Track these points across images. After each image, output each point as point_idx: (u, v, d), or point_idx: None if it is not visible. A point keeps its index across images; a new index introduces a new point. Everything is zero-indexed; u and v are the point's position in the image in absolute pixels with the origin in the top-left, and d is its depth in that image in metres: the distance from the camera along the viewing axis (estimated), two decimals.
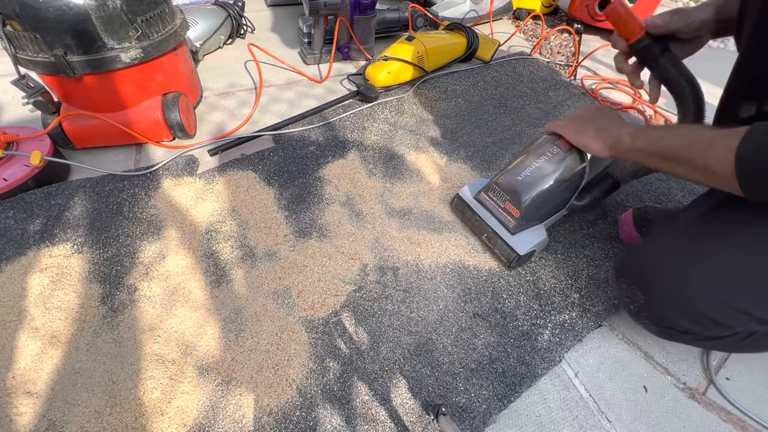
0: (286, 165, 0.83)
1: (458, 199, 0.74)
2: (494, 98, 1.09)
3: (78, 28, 0.66)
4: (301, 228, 0.71)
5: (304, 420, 0.49)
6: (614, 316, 0.64)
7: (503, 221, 0.67)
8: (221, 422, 0.49)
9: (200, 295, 0.61)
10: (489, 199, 0.68)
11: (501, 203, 0.66)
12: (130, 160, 0.83)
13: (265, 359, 0.54)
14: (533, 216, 0.65)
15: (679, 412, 0.54)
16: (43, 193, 0.71)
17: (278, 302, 0.61)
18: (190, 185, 0.77)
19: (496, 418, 0.52)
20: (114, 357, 0.53)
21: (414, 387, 0.53)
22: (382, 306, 0.62)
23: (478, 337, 0.59)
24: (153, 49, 0.75)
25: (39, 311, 0.57)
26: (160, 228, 0.69)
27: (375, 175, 0.83)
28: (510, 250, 0.65)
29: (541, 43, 1.40)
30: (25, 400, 0.49)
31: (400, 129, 0.96)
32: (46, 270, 0.61)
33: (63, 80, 0.72)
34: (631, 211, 0.74)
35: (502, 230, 0.67)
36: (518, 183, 0.63)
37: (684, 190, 0.85)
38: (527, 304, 0.64)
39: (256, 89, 1.06)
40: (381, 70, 1.02)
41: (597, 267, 0.69)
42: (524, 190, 0.62)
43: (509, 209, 0.65)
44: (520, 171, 0.63)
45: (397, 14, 1.32)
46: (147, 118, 0.80)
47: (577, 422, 0.52)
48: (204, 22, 1.13)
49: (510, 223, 0.65)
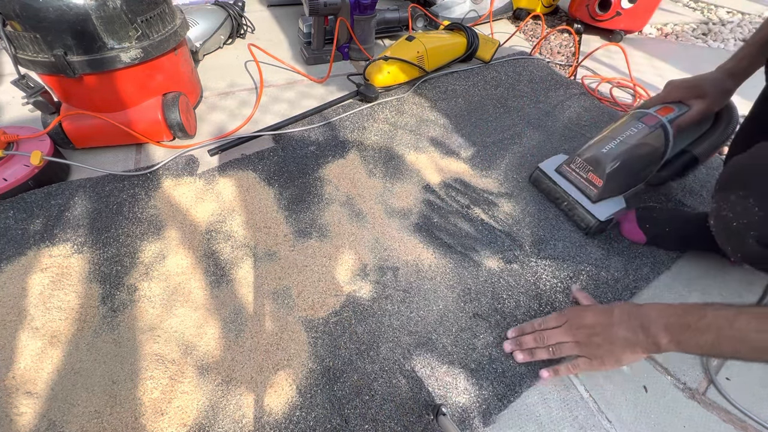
0: (286, 165, 0.83)
1: (538, 172, 0.79)
2: (494, 98, 1.09)
3: (78, 28, 0.66)
4: (301, 228, 0.71)
5: (304, 420, 0.49)
6: None
7: (585, 190, 0.71)
8: (221, 422, 0.49)
9: (200, 295, 0.61)
10: (571, 171, 0.73)
11: (584, 174, 0.70)
12: (130, 160, 0.83)
13: (265, 359, 0.54)
14: (614, 187, 0.69)
15: (679, 412, 0.54)
16: (43, 193, 0.71)
17: (278, 302, 0.61)
18: (190, 185, 0.77)
19: (496, 418, 0.52)
20: (114, 357, 0.53)
21: (414, 387, 0.53)
22: (382, 306, 0.62)
23: (478, 337, 0.59)
24: (153, 49, 0.75)
25: (39, 311, 0.57)
26: (160, 228, 0.69)
27: (375, 175, 0.83)
28: (590, 216, 0.70)
29: (541, 43, 1.40)
30: (26, 400, 0.49)
31: (400, 129, 0.96)
32: (46, 270, 0.61)
33: (63, 80, 0.72)
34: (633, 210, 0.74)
35: (583, 199, 0.71)
36: (602, 155, 0.67)
37: (684, 190, 0.85)
38: (527, 304, 0.64)
39: (256, 89, 1.06)
40: (381, 70, 1.02)
41: (597, 267, 0.69)
42: (608, 161, 0.66)
43: (592, 179, 0.69)
44: (604, 144, 0.68)
45: (397, 14, 1.32)
46: (147, 118, 0.80)
47: (577, 422, 0.52)
48: (204, 22, 1.13)
49: (592, 192, 0.70)
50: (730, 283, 0.69)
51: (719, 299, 0.66)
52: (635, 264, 0.70)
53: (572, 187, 0.73)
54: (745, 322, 0.40)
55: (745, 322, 0.40)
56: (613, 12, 1.42)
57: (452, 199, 0.79)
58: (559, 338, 0.53)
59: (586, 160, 0.70)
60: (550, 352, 0.53)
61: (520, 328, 0.58)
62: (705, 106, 0.68)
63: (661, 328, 0.44)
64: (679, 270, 0.71)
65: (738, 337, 0.40)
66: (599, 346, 0.49)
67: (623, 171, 0.67)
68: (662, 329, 0.44)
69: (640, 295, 0.66)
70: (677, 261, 0.72)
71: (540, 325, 0.56)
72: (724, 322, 0.41)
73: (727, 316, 0.41)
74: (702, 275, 0.70)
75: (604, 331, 0.49)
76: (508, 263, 0.69)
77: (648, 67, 1.33)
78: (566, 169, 0.74)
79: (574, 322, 0.52)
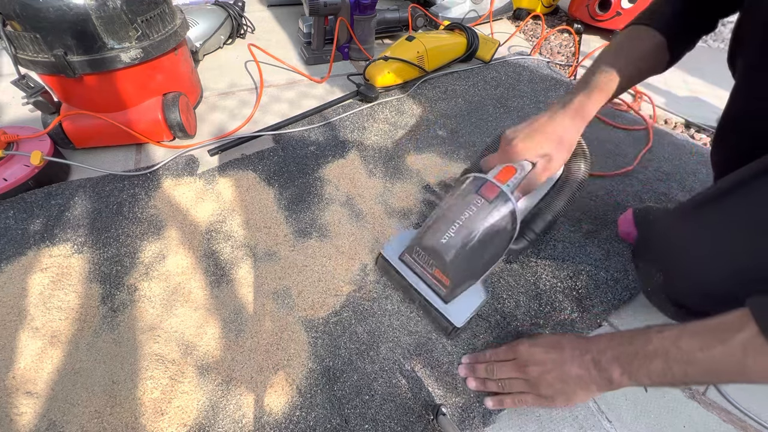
0: (286, 165, 0.83)
1: (382, 260, 0.63)
2: (494, 98, 1.09)
3: (78, 28, 0.66)
4: (301, 228, 0.71)
5: (304, 420, 0.49)
6: (614, 316, 0.64)
7: (434, 288, 0.58)
8: (221, 422, 0.49)
9: (200, 295, 0.61)
10: (415, 262, 0.58)
11: (429, 269, 0.57)
12: (131, 160, 0.83)
13: (266, 359, 0.54)
14: (466, 279, 0.56)
15: (680, 412, 0.54)
16: (43, 193, 0.71)
17: (278, 302, 0.61)
18: (190, 185, 0.77)
19: (496, 418, 0.52)
20: (114, 357, 0.53)
21: (414, 387, 0.53)
22: (382, 306, 0.62)
23: (478, 337, 0.59)
24: (153, 49, 0.75)
25: (39, 311, 0.57)
26: (160, 228, 0.69)
27: (375, 175, 0.83)
28: (446, 321, 0.57)
29: (541, 43, 1.40)
30: (26, 400, 0.49)
31: (400, 129, 0.96)
32: (46, 270, 0.61)
33: (63, 80, 0.72)
34: (630, 211, 0.74)
35: (435, 298, 0.58)
36: (442, 246, 0.53)
37: (684, 189, 0.85)
38: (527, 304, 0.64)
39: (256, 89, 1.06)
40: (381, 70, 1.02)
41: (597, 267, 0.69)
42: (450, 253, 0.53)
43: (438, 276, 0.56)
44: (443, 230, 0.54)
45: (397, 14, 1.32)
46: (147, 118, 0.80)
47: (577, 422, 0.52)
48: (204, 22, 1.13)
49: (441, 291, 0.57)
50: None
51: None
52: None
53: (421, 282, 0.59)
54: (688, 341, 0.36)
55: (688, 341, 0.36)
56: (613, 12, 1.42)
57: None
58: (508, 373, 0.50)
59: (426, 251, 0.56)
60: (499, 386, 0.50)
61: (474, 356, 0.55)
62: (549, 165, 0.55)
63: (612, 360, 0.41)
64: None
65: (685, 359, 0.36)
66: (550, 385, 0.46)
67: (470, 262, 0.54)
68: (612, 361, 0.41)
69: (640, 296, 0.66)
70: None
71: (491, 357, 0.53)
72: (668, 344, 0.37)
73: (671, 336, 0.38)
74: None
75: (556, 368, 0.46)
76: (508, 263, 0.69)
77: None
78: (410, 260, 0.59)
79: (523, 358, 0.49)
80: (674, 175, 0.88)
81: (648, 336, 0.40)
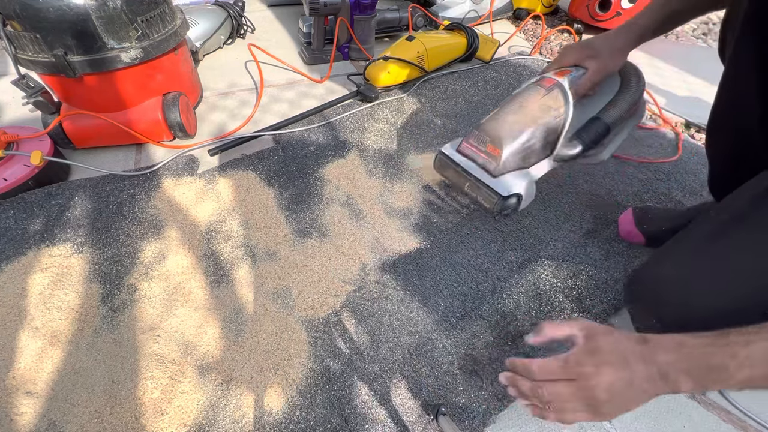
0: (286, 165, 0.83)
1: (441, 156, 0.69)
2: (494, 98, 1.09)
3: (78, 28, 0.66)
4: (301, 228, 0.71)
5: (304, 420, 0.49)
6: (614, 316, 0.64)
7: (485, 166, 0.63)
8: (221, 422, 0.49)
9: (200, 295, 0.61)
10: (470, 147, 0.65)
11: (482, 147, 0.63)
12: (131, 160, 0.83)
13: (265, 359, 0.54)
14: (516, 157, 0.62)
15: (680, 412, 0.54)
16: (43, 193, 0.71)
17: (278, 302, 0.61)
18: (190, 185, 0.77)
19: (496, 418, 0.52)
20: (114, 357, 0.53)
21: (414, 387, 0.53)
22: (382, 306, 0.62)
23: (478, 337, 0.59)
24: (153, 49, 0.75)
25: (39, 311, 0.57)
26: (160, 228, 0.69)
27: (375, 175, 0.83)
28: (492, 193, 0.61)
29: (541, 43, 1.40)
30: (26, 400, 0.49)
31: (400, 129, 0.96)
32: (46, 270, 0.61)
33: (63, 80, 0.72)
34: (630, 210, 0.74)
35: (485, 175, 0.63)
36: (497, 123, 0.61)
37: (684, 189, 0.85)
38: (527, 304, 0.64)
39: (256, 89, 1.06)
40: (381, 70, 1.02)
41: (597, 267, 0.69)
42: (504, 127, 0.60)
43: (490, 151, 0.61)
44: (500, 113, 0.63)
45: (398, 14, 1.32)
46: (147, 118, 0.80)
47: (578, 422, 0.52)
48: (204, 22, 1.13)
49: (491, 165, 0.62)
50: None
51: None
52: (635, 264, 0.70)
53: (473, 164, 0.64)
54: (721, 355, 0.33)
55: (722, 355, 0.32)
56: (613, 12, 1.42)
57: (452, 199, 0.79)
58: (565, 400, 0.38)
59: (483, 131, 0.62)
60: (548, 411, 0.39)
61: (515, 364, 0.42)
62: (598, 66, 0.63)
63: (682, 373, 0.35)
64: None
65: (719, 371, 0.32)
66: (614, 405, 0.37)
67: (523, 137, 0.60)
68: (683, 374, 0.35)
69: None
70: None
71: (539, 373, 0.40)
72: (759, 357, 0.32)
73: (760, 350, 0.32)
74: None
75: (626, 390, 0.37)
76: (509, 263, 0.69)
77: (648, 67, 1.33)
78: (465, 146, 0.66)
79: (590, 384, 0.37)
80: (674, 175, 0.88)
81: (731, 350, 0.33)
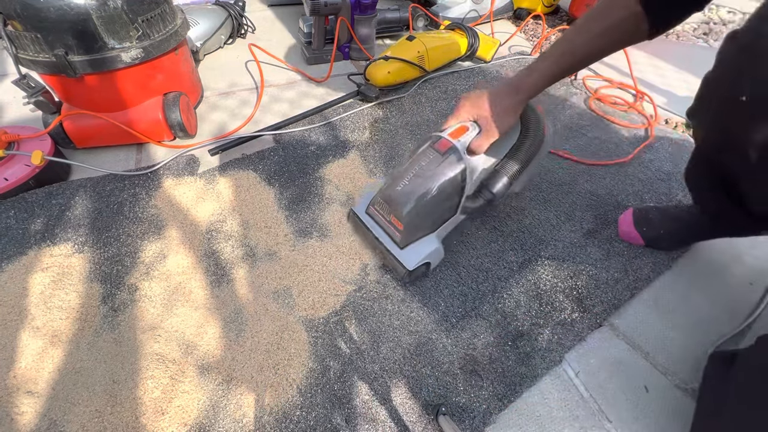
0: (286, 165, 0.83)
1: (352, 215, 0.69)
2: None
3: (79, 27, 0.66)
4: (301, 228, 0.71)
5: (304, 420, 0.49)
6: (614, 316, 0.64)
7: (392, 236, 0.62)
8: (222, 421, 0.49)
9: (201, 295, 0.61)
10: (377, 213, 0.64)
11: (387, 216, 0.61)
12: (131, 159, 0.83)
13: (266, 359, 0.54)
14: (419, 226, 0.61)
15: (679, 412, 0.54)
16: (44, 192, 0.72)
17: (279, 302, 0.61)
18: (190, 185, 0.77)
19: (496, 418, 0.52)
20: (115, 356, 0.53)
21: (414, 387, 0.53)
22: (382, 306, 0.62)
23: (478, 337, 0.59)
24: (154, 48, 0.75)
25: (40, 311, 0.57)
26: (160, 227, 0.69)
27: (375, 174, 0.83)
28: (400, 265, 0.61)
29: (542, 43, 1.40)
30: (26, 400, 0.49)
31: (400, 129, 0.95)
32: (47, 269, 0.61)
33: (64, 80, 0.72)
34: (630, 211, 0.74)
35: (392, 245, 0.62)
36: (397, 194, 0.59)
37: (685, 189, 0.85)
38: (527, 304, 0.64)
39: (257, 89, 1.06)
40: (381, 69, 1.02)
41: (597, 267, 0.69)
42: (403, 200, 0.58)
43: (394, 222, 0.60)
44: (400, 181, 0.60)
45: (398, 14, 1.32)
46: (148, 118, 0.81)
47: (578, 422, 0.52)
48: (205, 22, 1.13)
49: (396, 237, 0.61)
50: (732, 281, 0.69)
51: (722, 298, 0.66)
52: (635, 264, 0.70)
53: (381, 231, 0.64)
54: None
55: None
56: None
57: None
58: None
59: (385, 200, 0.61)
60: None
61: None
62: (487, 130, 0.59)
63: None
64: (681, 270, 0.71)
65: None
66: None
67: (423, 208, 0.58)
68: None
69: (641, 296, 0.66)
70: (678, 260, 0.72)
71: None
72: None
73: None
74: (703, 274, 0.70)
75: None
76: (509, 263, 0.69)
77: (649, 67, 1.33)
78: (373, 211, 0.65)
79: None
80: (674, 174, 0.88)
81: None
